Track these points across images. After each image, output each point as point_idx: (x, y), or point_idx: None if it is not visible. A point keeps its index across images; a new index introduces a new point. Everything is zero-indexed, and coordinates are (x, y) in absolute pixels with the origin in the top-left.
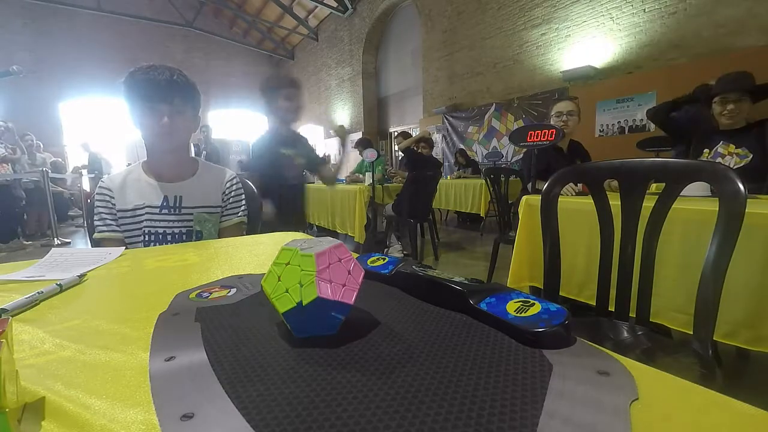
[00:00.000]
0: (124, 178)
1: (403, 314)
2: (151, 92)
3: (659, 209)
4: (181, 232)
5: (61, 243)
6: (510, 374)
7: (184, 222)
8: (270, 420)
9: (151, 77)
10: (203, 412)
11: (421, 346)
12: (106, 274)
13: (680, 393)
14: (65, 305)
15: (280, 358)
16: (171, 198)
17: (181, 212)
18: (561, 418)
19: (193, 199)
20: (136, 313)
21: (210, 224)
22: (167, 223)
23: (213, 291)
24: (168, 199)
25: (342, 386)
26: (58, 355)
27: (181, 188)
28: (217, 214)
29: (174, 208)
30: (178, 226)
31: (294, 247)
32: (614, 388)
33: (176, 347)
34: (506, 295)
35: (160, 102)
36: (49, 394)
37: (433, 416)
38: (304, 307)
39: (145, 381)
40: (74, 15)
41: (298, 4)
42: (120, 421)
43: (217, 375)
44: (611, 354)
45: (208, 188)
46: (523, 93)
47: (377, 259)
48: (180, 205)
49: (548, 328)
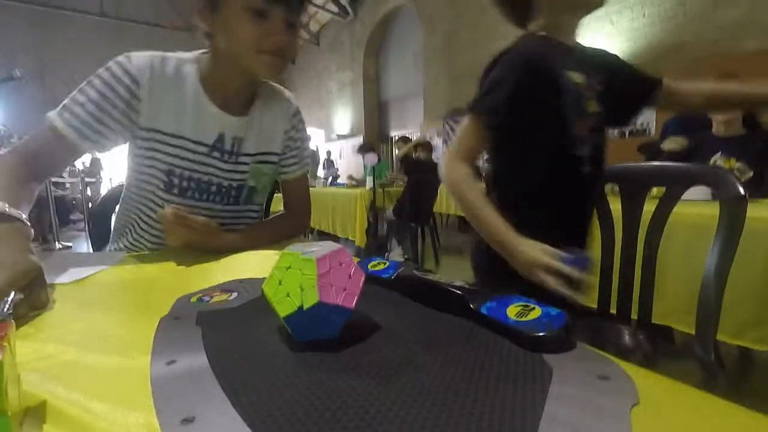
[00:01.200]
0: (165, 80)
1: (404, 318)
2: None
3: (660, 213)
4: (230, 186)
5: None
6: (510, 378)
7: (238, 173)
8: (270, 424)
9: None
10: (204, 416)
11: (422, 351)
12: (106, 278)
13: (681, 397)
14: (66, 309)
15: (280, 362)
16: (228, 139)
17: (237, 160)
18: (561, 422)
19: (254, 142)
20: (137, 317)
21: (266, 179)
22: (215, 170)
23: (214, 295)
24: (224, 140)
25: (343, 390)
26: (60, 359)
27: (241, 126)
28: (276, 165)
29: (230, 155)
30: (228, 178)
31: (295, 251)
32: (615, 393)
33: (177, 351)
34: (507, 300)
35: (280, 5)
36: (50, 397)
37: (434, 420)
38: (305, 311)
39: (146, 385)
40: (77, 19)
41: None
42: (121, 425)
43: (218, 379)
44: (612, 358)
45: (273, 125)
46: None
47: (378, 264)
48: (238, 151)
49: (548, 332)
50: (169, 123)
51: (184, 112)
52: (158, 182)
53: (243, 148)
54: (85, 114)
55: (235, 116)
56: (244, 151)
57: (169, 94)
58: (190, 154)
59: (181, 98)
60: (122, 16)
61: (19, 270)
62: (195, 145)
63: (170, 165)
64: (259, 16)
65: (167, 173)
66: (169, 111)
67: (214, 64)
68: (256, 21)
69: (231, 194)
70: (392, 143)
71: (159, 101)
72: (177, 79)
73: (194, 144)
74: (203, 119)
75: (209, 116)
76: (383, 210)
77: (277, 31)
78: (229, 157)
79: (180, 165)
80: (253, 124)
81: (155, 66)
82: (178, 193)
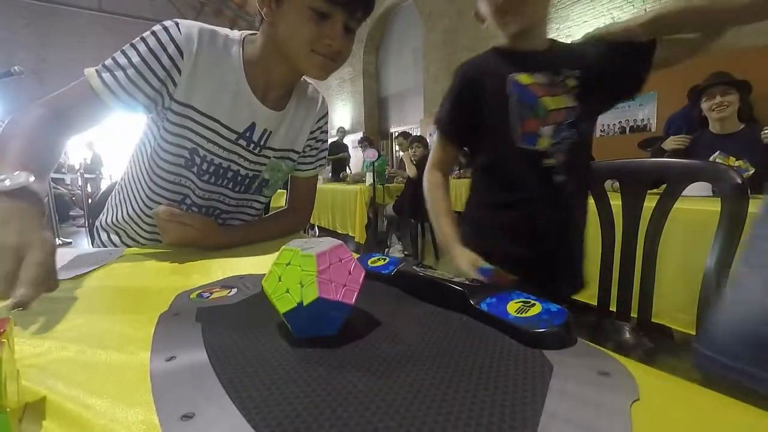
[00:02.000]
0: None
1: (404, 314)
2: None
3: (661, 209)
4: (246, 175)
5: (62, 243)
6: (510, 375)
7: (257, 165)
8: (270, 420)
9: None
10: (204, 412)
11: (422, 347)
12: (106, 274)
13: (681, 394)
14: (66, 305)
15: (280, 359)
16: (259, 130)
17: (261, 153)
18: (561, 418)
19: (281, 138)
20: (136, 313)
21: (281, 174)
22: (237, 158)
23: (214, 291)
24: (254, 130)
25: (342, 386)
26: (59, 354)
27: (274, 120)
28: (294, 163)
29: (256, 146)
30: (247, 167)
31: (295, 247)
32: (615, 389)
33: (177, 347)
34: (507, 296)
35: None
36: (50, 393)
37: (434, 416)
38: (305, 307)
39: (146, 381)
40: (75, 15)
41: None
42: (121, 421)
43: (217, 375)
44: (612, 354)
45: (302, 125)
46: None
47: (378, 260)
48: (264, 144)
49: (549, 328)
50: (205, 102)
51: (222, 94)
52: (179, 159)
53: (270, 141)
54: (125, 77)
55: (270, 109)
56: (270, 144)
57: (211, 73)
58: (219, 138)
59: (222, 80)
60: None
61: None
62: (226, 130)
63: (197, 145)
64: (320, 16)
65: (191, 151)
66: (206, 90)
67: (262, 52)
68: (316, 21)
69: (245, 183)
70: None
71: (199, 78)
72: (222, 59)
73: (225, 129)
74: (240, 106)
75: (246, 104)
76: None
77: (336, 35)
78: (254, 147)
79: (206, 147)
80: (285, 120)
81: (203, 40)
82: (197, 173)
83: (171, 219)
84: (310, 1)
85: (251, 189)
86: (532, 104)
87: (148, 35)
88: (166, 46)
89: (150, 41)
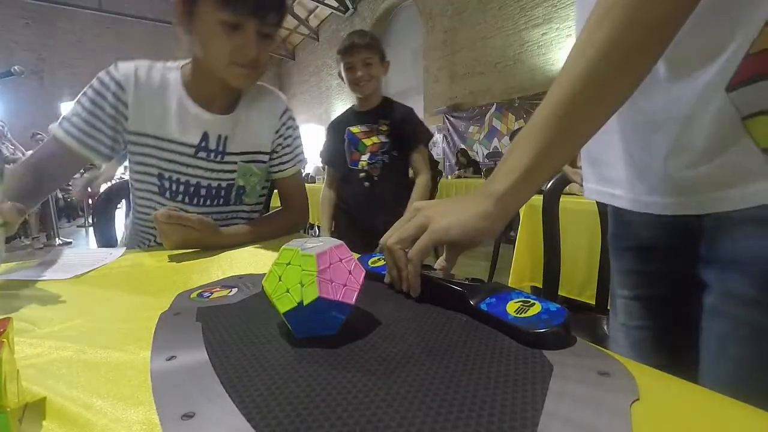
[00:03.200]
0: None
1: (404, 314)
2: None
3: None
4: (219, 186)
5: (62, 243)
6: (510, 375)
7: (226, 173)
8: (270, 420)
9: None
10: (204, 412)
11: (422, 347)
12: (106, 273)
13: (681, 393)
14: (66, 305)
15: (280, 358)
16: (213, 138)
17: (223, 159)
18: (561, 418)
19: (241, 141)
20: (137, 312)
21: (256, 179)
22: (203, 171)
23: (214, 291)
24: (209, 139)
25: (342, 386)
26: (59, 354)
27: (226, 124)
28: (266, 164)
29: (216, 153)
30: (216, 178)
31: (295, 247)
32: (615, 389)
33: (177, 347)
34: (506, 295)
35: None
36: (50, 393)
37: (434, 416)
38: (305, 307)
39: (146, 380)
40: (75, 15)
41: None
42: (121, 421)
43: (217, 374)
44: (612, 354)
45: (260, 123)
46: (524, 93)
47: (378, 260)
48: (224, 150)
49: (548, 328)
50: (156, 126)
51: (168, 114)
52: (152, 186)
53: (229, 146)
54: (81, 122)
55: (218, 114)
56: (230, 149)
57: (154, 98)
58: (178, 156)
59: (165, 102)
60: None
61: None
62: (181, 146)
63: (160, 169)
64: (232, 28)
65: (159, 177)
66: (154, 115)
67: (194, 70)
68: (229, 34)
69: (221, 195)
70: None
71: (144, 106)
72: (162, 85)
73: (180, 146)
74: (187, 119)
75: (193, 118)
76: None
77: (249, 44)
78: (215, 156)
79: (169, 168)
80: (239, 122)
81: (140, 73)
82: (170, 197)
83: (170, 221)
84: (219, 16)
85: (230, 200)
86: (356, 144)
87: (93, 81)
88: (108, 85)
89: (95, 85)
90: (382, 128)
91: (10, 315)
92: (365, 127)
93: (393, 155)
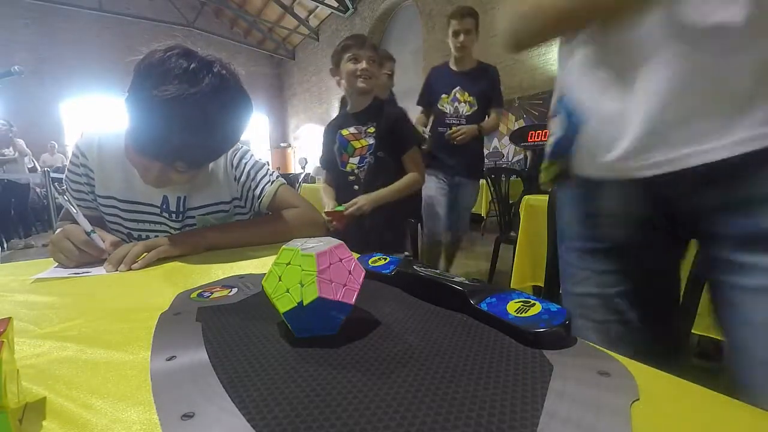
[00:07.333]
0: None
1: (404, 314)
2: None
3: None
4: None
5: None
6: (510, 374)
7: (188, 227)
8: (270, 419)
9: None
10: (204, 412)
11: (422, 347)
12: (107, 273)
13: (681, 393)
14: (66, 305)
15: (280, 358)
16: (173, 200)
17: (185, 216)
18: (561, 418)
19: (200, 196)
20: (137, 312)
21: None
22: (168, 228)
23: (214, 291)
24: (168, 201)
25: (342, 386)
26: (60, 354)
27: (183, 186)
28: (228, 213)
29: (177, 214)
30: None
31: (295, 246)
32: (615, 389)
33: (177, 347)
34: (507, 295)
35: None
36: (50, 393)
37: (433, 416)
38: (305, 307)
39: (146, 380)
40: (75, 15)
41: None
42: (121, 421)
43: (217, 374)
44: (612, 354)
45: (218, 178)
46: (524, 93)
47: (378, 259)
48: (184, 209)
49: (549, 328)
50: (121, 190)
51: (132, 179)
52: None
53: (189, 203)
54: (71, 190)
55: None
56: (189, 206)
57: (116, 165)
58: (145, 215)
59: (128, 168)
60: (121, 12)
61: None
62: (147, 207)
63: (129, 229)
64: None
65: (127, 236)
66: (119, 180)
67: None
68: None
69: None
70: None
71: (108, 171)
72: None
73: (146, 206)
74: (144, 186)
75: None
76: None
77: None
78: (176, 216)
79: (137, 228)
80: (195, 180)
81: (102, 141)
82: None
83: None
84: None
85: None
86: (345, 146)
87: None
88: (77, 155)
89: (71, 156)
90: (370, 130)
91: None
92: (355, 129)
93: (378, 156)
